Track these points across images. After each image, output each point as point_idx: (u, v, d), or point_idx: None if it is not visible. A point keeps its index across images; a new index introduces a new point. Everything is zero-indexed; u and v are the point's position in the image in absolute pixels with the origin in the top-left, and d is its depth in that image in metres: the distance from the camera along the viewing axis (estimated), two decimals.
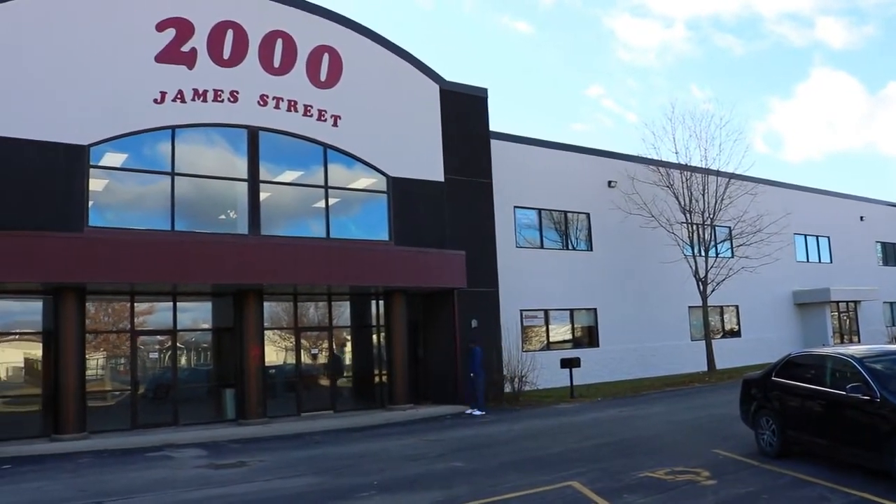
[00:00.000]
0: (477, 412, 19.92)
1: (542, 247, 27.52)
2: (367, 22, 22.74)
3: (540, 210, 27.59)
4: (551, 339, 27.34)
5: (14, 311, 17.72)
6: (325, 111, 20.79)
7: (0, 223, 16.10)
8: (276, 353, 20.65)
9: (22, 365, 17.82)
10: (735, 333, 33.95)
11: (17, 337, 17.71)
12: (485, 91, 24.35)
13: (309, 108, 20.55)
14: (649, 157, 29.55)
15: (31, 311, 17.99)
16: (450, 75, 23.75)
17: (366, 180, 21.67)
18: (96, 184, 17.96)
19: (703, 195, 29.57)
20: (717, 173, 30.00)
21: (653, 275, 29.90)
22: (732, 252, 31.66)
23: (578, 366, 23.43)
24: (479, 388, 20.45)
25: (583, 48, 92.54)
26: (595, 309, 28.47)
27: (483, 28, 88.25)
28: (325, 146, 20.81)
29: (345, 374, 21.98)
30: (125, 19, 18.40)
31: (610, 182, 29.48)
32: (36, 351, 17.85)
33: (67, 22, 17.73)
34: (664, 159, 29.72)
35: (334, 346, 21.62)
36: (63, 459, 14.17)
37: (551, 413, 19.47)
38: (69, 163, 17.33)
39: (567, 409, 20.14)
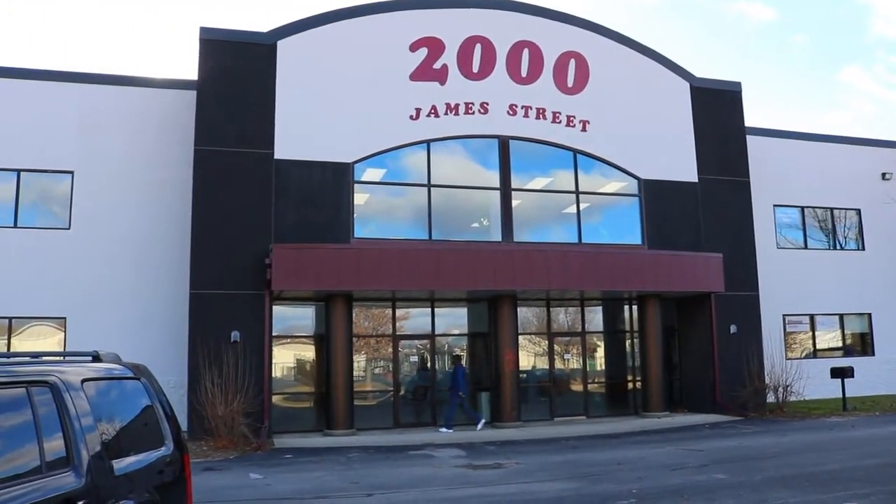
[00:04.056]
0: (444, 430, 18.21)
1: (805, 247, 25.66)
2: (599, 22, 22.52)
3: (803, 208, 25.76)
4: (818, 347, 25.44)
5: (288, 317, 19.39)
6: (574, 117, 20.83)
7: (284, 237, 17.82)
8: (528, 357, 20.95)
9: (294, 365, 19.50)
10: None
11: (289, 340, 19.37)
12: (738, 85, 23.21)
13: (557, 114, 20.70)
14: None
15: (301, 316, 19.68)
16: (690, 70, 22.82)
17: (616, 184, 21.43)
18: (359, 198, 19.25)
19: None
20: None
21: None
22: None
23: (852, 376, 21.58)
24: (465, 405, 18.70)
25: (833, 28, 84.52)
26: (869, 314, 26.09)
27: (720, 17, 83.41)
28: (575, 151, 20.85)
29: (597, 380, 21.83)
30: (382, 44, 19.61)
31: (884, 174, 26.84)
32: (307, 353, 19.49)
33: (335, 52, 19.26)
34: None
35: (586, 352, 21.54)
36: (335, 453, 15.21)
37: (821, 426, 18.09)
38: (336, 179, 18.75)
39: (839, 423, 18.61)
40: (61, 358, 5.16)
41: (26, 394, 4.09)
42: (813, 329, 25.40)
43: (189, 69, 67.26)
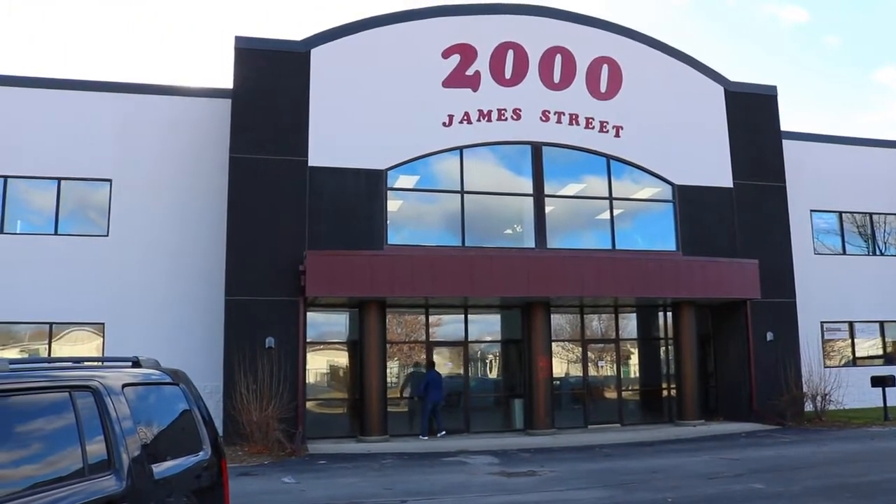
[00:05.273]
0: (423, 437, 18.25)
1: (844, 253, 25.26)
2: (627, 26, 22.57)
3: (840, 213, 25.36)
4: (857, 354, 25.01)
5: (321, 323, 19.49)
6: (607, 122, 20.75)
7: (318, 243, 17.97)
8: (561, 364, 20.86)
9: (328, 371, 19.58)
10: None
11: (322, 347, 19.46)
12: (773, 89, 22.94)
13: (590, 120, 20.63)
14: None
15: (335, 322, 19.81)
16: (722, 72, 22.64)
17: (650, 189, 21.30)
18: (392, 205, 19.33)
19: None
20: None
21: None
22: None
23: (893, 385, 21.17)
24: (425, 413, 18.56)
25: (867, 29, 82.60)
26: None
27: (750, 19, 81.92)
28: (608, 157, 20.76)
29: (631, 388, 21.67)
30: (415, 51, 19.72)
31: None
32: (340, 359, 19.57)
33: (367, 60, 19.39)
34: None
35: (620, 359, 21.40)
36: (369, 459, 15.24)
37: (862, 436, 17.77)
38: (370, 186, 18.86)
39: (881, 433, 18.26)
40: (102, 363, 5.23)
41: (69, 398, 4.16)
42: (852, 336, 24.99)
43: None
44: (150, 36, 75.23)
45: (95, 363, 5.16)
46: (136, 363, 5.24)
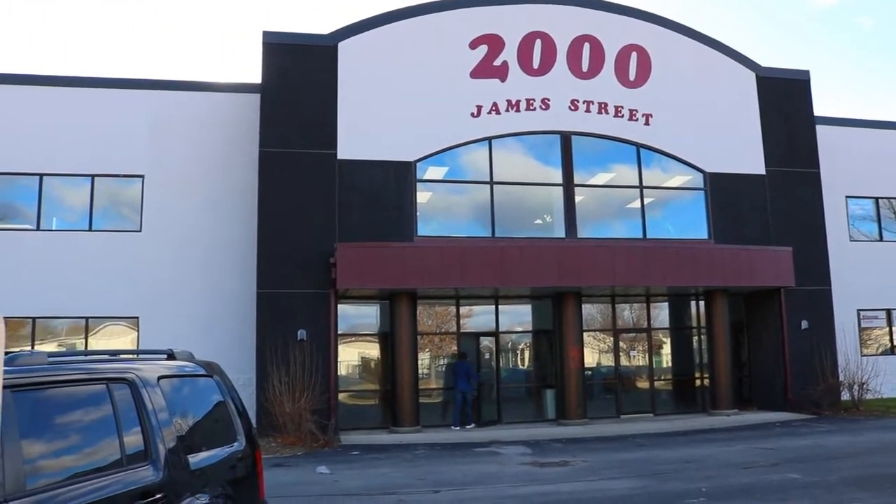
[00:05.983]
0: (454, 428, 18.35)
1: (881, 239, 24.83)
2: (655, 12, 22.28)
3: (877, 199, 24.92)
4: (895, 343, 24.63)
5: (352, 315, 19.54)
6: (636, 110, 20.58)
7: (348, 236, 18.04)
8: (593, 354, 20.78)
9: (359, 363, 19.68)
10: None
11: (354, 338, 19.54)
12: (806, 73, 22.59)
13: (619, 108, 20.47)
14: None
15: (366, 314, 19.83)
16: (751, 56, 22.30)
17: (681, 178, 21.11)
18: (421, 196, 19.35)
19: None
20: None
21: None
22: None
23: None
24: (456, 404, 18.66)
25: None
26: None
27: (778, 2, 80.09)
28: (638, 146, 20.60)
29: (664, 377, 21.53)
30: (442, 43, 19.69)
31: None
32: (371, 351, 19.64)
33: (395, 52, 19.43)
34: None
35: (652, 348, 21.26)
36: (401, 450, 15.32)
37: None
38: (399, 178, 18.89)
39: None
40: (137, 356, 5.30)
41: (107, 390, 4.22)
42: (890, 324, 24.59)
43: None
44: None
45: (131, 356, 5.22)
46: (171, 356, 5.30)
